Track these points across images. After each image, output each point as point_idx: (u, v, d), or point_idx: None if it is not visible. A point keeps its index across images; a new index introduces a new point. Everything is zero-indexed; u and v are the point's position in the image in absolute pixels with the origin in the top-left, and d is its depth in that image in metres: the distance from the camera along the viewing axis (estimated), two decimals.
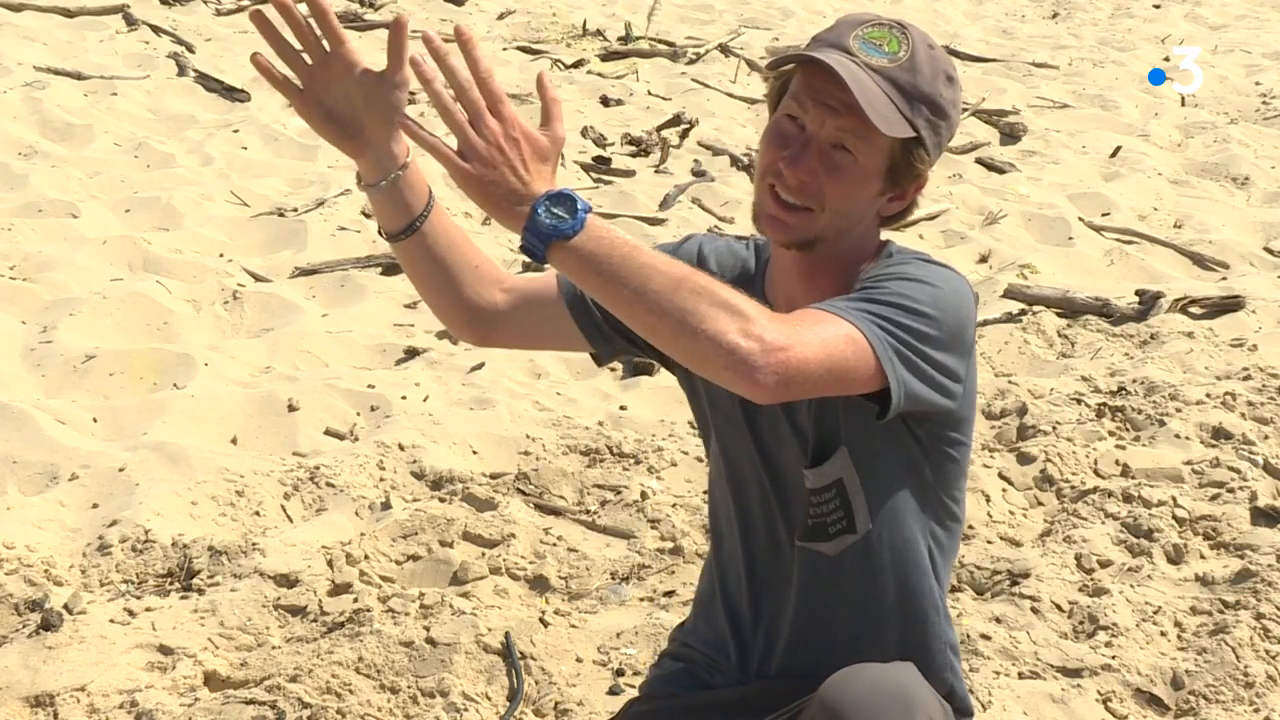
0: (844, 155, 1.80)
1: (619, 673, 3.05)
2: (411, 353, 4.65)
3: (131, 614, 3.10)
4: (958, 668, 2.08)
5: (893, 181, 1.85)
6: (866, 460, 1.90)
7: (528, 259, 2.26)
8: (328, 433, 4.07)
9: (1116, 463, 3.95)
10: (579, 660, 3.10)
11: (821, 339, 1.66)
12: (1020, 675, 3.04)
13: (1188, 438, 4.08)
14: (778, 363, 1.59)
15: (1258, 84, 9.41)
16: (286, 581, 3.26)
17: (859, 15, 1.86)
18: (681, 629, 2.22)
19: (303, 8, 1.85)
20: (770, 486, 1.99)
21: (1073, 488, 3.84)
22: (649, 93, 8.26)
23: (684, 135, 7.34)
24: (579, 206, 1.60)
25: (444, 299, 2.01)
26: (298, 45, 1.85)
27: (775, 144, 1.83)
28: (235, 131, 6.92)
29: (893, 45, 1.81)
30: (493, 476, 3.86)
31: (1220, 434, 4.11)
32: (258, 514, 3.59)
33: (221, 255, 5.40)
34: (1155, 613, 3.25)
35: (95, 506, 3.54)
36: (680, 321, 1.59)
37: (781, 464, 1.97)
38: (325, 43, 1.84)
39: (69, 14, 8.65)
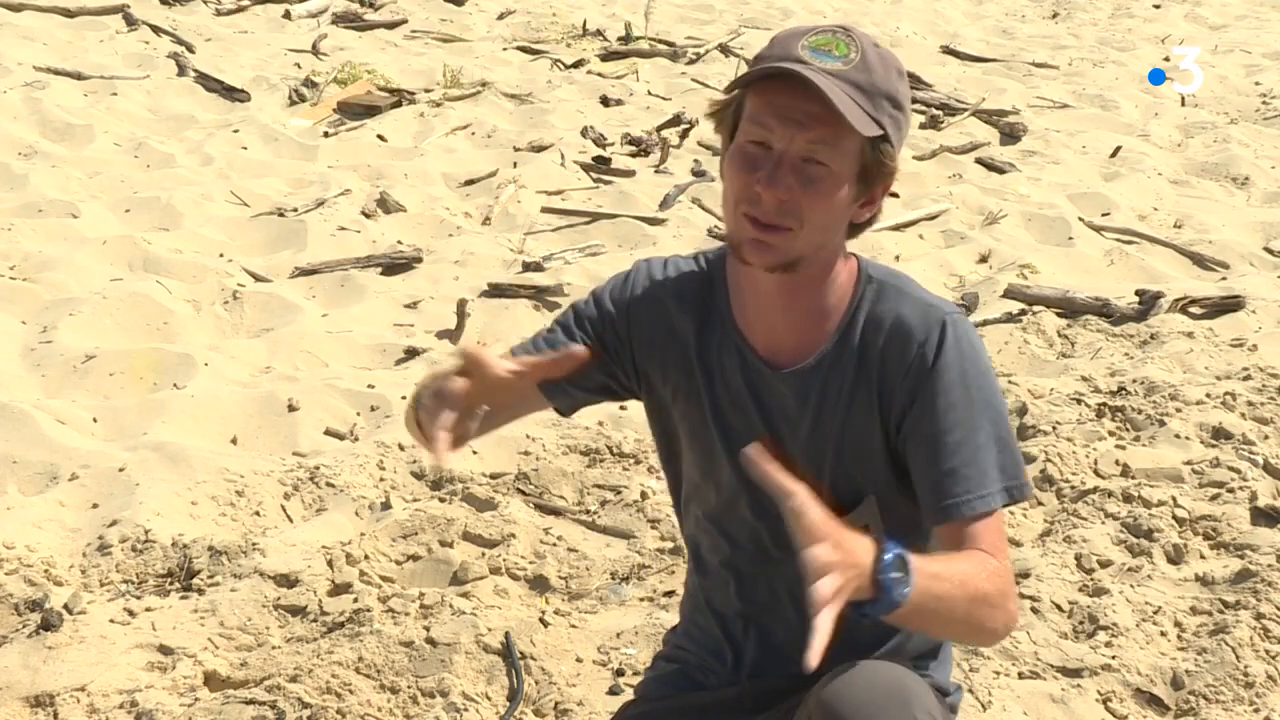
0: (817, 168, 1.76)
1: (619, 673, 3.05)
2: (411, 353, 4.65)
3: (131, 614, 3.10)
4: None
5: (865, 185, 1.82)
6: (890, 507, 1.94)
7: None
8: (328, 433, 4.07)
9: (1116, 463, 3.95)
10: (579, 660, 3.09)
11: (1010, 563, 1.87)
12: (1020, 675, 3.04)
13: (1188, 438, 4.08)
14: (1016, 622, 1.86)
15: (1258, 84, 9.41)
16: (286, 581, 3.26)
17: (798, 28, 1.84)
18: (674, 633, 2.21)
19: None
20: (759, 509, 1.98)
21: (1073, 488, 3.84)
22: (649, 93, 8.26)
23: (684, 135, 7.34)
24: (906, 559, 1.64)
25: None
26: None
27: (744, 169, 1.78)
28: (235, 131, 6.92)
29: (842, 49, 1.78)
30: (493, 476, 3.86)
31: (1220, 434, 4.10)
32: (258, 514, 3.59)
33: (221, 255, 5.41)
34: (1155, 613, 3.25)
35: (95, 506, 3.54)
36: (971, 630, 1.81)
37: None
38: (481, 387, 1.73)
39: (69, 14, 8.66)
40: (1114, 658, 3.09)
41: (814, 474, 1.92)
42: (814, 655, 1.48)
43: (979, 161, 7.29)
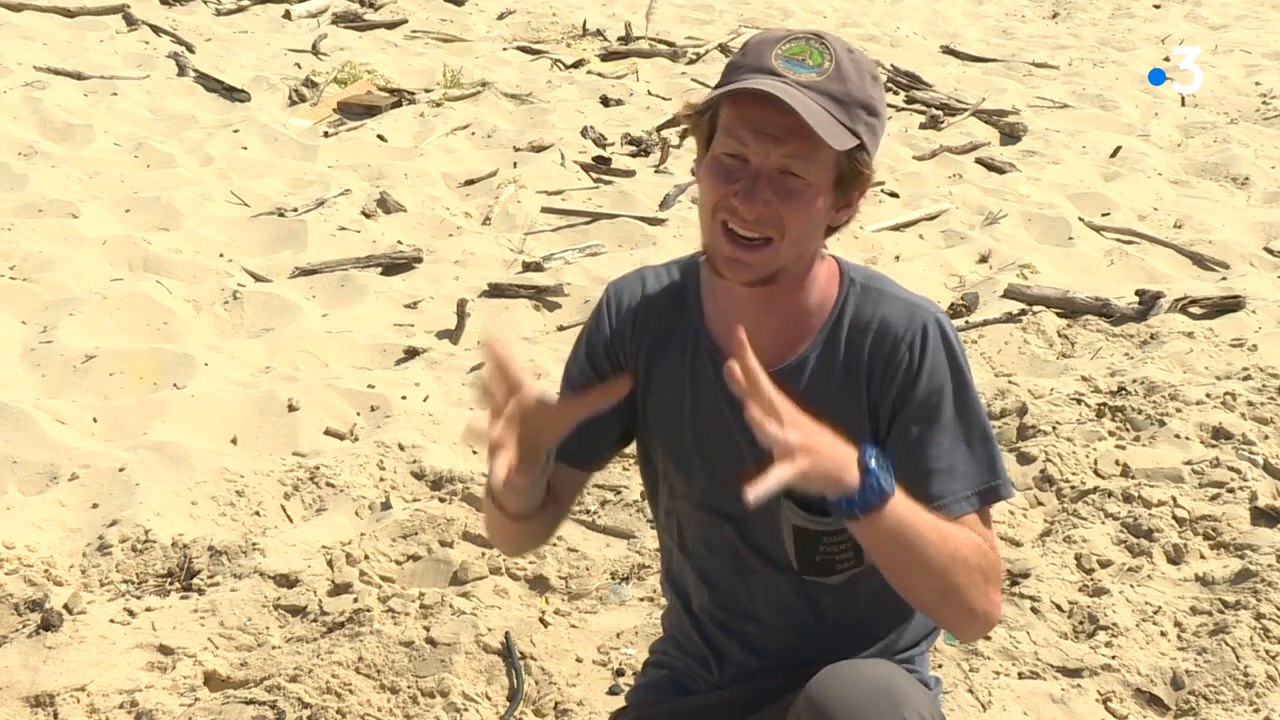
0: (794, 180, 1.76)
1: (619, 673, 3.05)
2: (411, 353, 4.65)
3: (131, 614, 3.10)
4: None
5: (841, 192, 1.82)
6: None
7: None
8: (328, 433, 4.07)
9: (1116, 463, 3.95)
10: (579, 660, 3.10)
11: (1000, 559, 1.86)
12: (1020, 675, 3.04)
13: (1188, 438, 4.08)
14: (998, 616, 1.84)
15: (1258, 84, 9.41)
16: (286, 581, 3.26)
17: (770, 34, 1.82)
18: (661, 641, 2.21)
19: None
20: (736, 519, 1.98)
21: (1073, 488, 3.84)
22: (649, 93, 8.26)
23: (684, 135, 7.34)
24: (888, 457, 1.69)
25: (532, 542, 2.07)
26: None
27: (720, 180, 1.77)
28: (235, 131, 6.92)
29: (816, 58, 1.77)
30: None
31: (1220, 434, 4.10)
32: (258, 514, 3.59)
33: (221, 255, 5.41)
34: (1155, 613, 3.25)
35: (95, 506, 3.54)
36: (947, 592, 1.76)
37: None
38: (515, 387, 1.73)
39: (69, 14, 8.66)
40: (1114, 658, 3.09)
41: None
42: (754, 493, 1.55)
43: (979, 161, 7.29)
